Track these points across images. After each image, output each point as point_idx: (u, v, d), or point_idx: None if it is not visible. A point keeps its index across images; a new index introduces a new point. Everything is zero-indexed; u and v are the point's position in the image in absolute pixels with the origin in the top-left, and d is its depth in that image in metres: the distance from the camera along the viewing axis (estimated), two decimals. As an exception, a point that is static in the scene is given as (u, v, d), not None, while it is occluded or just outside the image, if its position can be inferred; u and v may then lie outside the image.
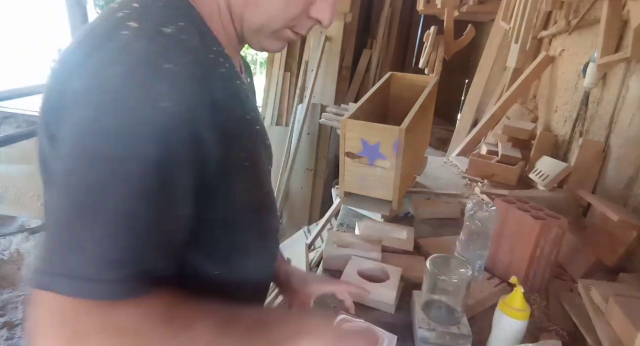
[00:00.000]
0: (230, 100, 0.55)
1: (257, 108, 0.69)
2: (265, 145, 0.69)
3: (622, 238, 1.09)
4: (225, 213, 0.57)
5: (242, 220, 0.61)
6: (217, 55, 0.55)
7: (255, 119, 0.63)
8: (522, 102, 2.38)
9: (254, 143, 0.62)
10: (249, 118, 0.61)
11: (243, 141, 0.57)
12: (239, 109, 0.58)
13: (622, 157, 1.37)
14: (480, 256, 1.02)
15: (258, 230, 0.66)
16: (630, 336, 0.75)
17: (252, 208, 0.63)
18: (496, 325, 0.79)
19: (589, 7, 1.70)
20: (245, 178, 0.58)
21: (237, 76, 0.60)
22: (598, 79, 1.56)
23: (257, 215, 0.65)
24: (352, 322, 0.65)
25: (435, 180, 1.82)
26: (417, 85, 1.48)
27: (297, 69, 4.06)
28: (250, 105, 0.63)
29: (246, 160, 0.58)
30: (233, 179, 0.56)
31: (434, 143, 3.76)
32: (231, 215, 0.59)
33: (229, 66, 0.57)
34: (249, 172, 0.59)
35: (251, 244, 0.65)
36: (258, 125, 0.65)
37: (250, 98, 0.66)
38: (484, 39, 3.14)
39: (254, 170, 0.61)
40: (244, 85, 0.62)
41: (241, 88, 0.60)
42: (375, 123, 1.14)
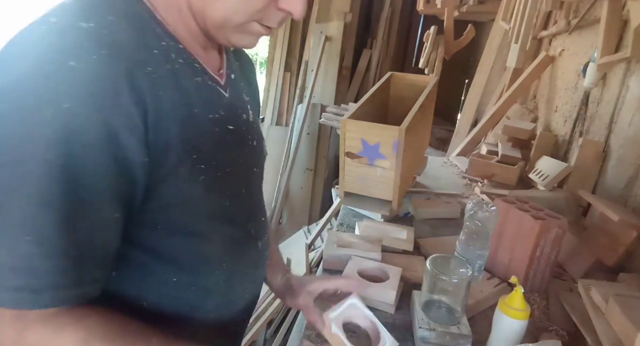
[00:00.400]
0: (177, 98, 0.51)
1: (243, 106, 0.66)
2: (247, 146, 0.65)
3: (622, 238, 1.09)
4: (180, 219, 0.55)
5: (205, 227, 0.58)
6: (167, 51, 0.52)
7: (227, 118, 0.60)
8: (522, 102, 2.38)
9: (218, 144, 0.57)
10: (214, 117, 0.57)
11: (195, 142, 0.53)
12: (196, 108, 0.54)
13: (622, 157, 1.37)
14: (480, 256, 1.02)
15: (229, 238, 0.62)
16: (630, 336, 0.75)
17: (217, 214, 0.59)
18: (496, 325, 0.79)
19: (589, 7, 1.70)
20: (199, 182, 0.54)
21: (200, 73, 0.57)
22: (598, 79, 1.56)
23: (225, 222, 0.61)
24: (359, 311, 0.65)
25: (435, 180, 1.82)
26: (417, 85, 1.48)
27: (297, 69, 4.06)
28: (225, 102, 0.60)
29: (201, 163, 0.54)
30: (178, 183, 0.52)
31: (434, 143, 3.76)
32: (189, 222, 0.56)
33: (184, 62, 0.54)
34: (206, 175, 0.55)
35: (219, 253, 0.61)
36: (232, 124, 0.61)
37: (228, 95, 0.62)
38: (484, 39, 3.14)
39: (215, 173, 0.56)
40: (213, 81, 0.59)
41: (205, 86, 0.57)
42: (375, 123, 1.14)
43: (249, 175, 0.67)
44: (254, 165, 0.68)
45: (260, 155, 0.71)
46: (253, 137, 0.67)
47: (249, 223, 0.66)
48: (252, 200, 0.68)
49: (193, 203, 0.55)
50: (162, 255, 0.56)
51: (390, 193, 1.19)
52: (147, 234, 0.54)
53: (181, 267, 0.58)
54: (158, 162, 0.49)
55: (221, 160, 0.58)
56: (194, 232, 0.57)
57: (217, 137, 0.57)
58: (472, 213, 1.00)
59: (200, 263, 0.59)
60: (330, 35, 3.74)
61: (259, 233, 0.70)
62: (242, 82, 0.70)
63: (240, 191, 0.63)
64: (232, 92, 0.64)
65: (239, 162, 0.63)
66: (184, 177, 0.52)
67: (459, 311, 0.83)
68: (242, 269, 0.67)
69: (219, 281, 0.62)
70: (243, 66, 0.74)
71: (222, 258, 0.62)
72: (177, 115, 0.51)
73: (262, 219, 0.72)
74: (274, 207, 3.65)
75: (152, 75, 0.49)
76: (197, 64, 0.57)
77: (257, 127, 0.71)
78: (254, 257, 0.69)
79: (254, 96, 0.75)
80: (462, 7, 3.07)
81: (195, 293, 0.60)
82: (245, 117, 0.66)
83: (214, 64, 0.62)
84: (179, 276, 0.58)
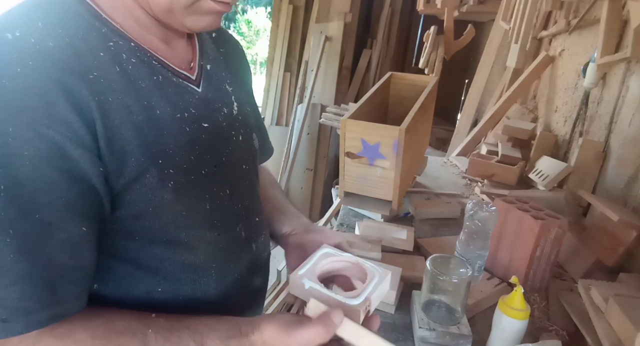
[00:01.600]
0: (131, 101, 0.48)
1: (223, 99, 0.62)
2: (230, 142, 0.61)
3: (622, 238, 1.09)
4: (157, 227, 0.52)
5: (185, 234, 0.55)
6: (117, 51, 0.49)
7: (200, 115, 0.56)
8: (522, 102, 2.38)
9: (189, 145, 0.54)
10: (182, 117, 0.53)
11: (159, 146, 0.50)
12: (158, 109, 0.51)
13: (622, 157, 1.37)
14: (480, 256, 1.02)
15: (215, 243, 0.59)
16: (630, 336, 0.75)
17: (198, 219, 0.56)
18: (496, 325, 0.79)
19: (589, 7, 1.70)
20: (169, 187, 0.51)
21: (159, 70, 0.53)
22: (598, 79, 1.56)
23: (208, 227, 0.58)
24: (337, 257, 0.58)
25: (435, 180, 1.82)
26: (417, 85, 1.48)
27: (297, 69, 4.07)
28: (197, 99, 0.56)
29: (169, 168, 0.51)
30: (145, 191, 0.49)
31: (434, 143, 3.76)
32: (167, 230, 0.53)
33: (138, 61, 0.51)
34: (176, 180, 0.52)
35: (205, 259, 0.58)
36: (207, 121, 0.57)
37: (201, 89, 0.58)
38: (484, 39, 3.14)
39: (187, 176, 0.53)
40: (179, 77, 0.55)
41: (168, 83, 0.53)
42: (375, 123, 1.14)
43: (235, 174, 0.63)
44: (241, 162, 0.64)
45: (249, 151, 0.67)
46: (238, 132, 0.63)
47: (238, 225, 0.63)
48: (240, 199, 0.64)
49: (166, 210, 0.52)
50: (144, 265, 0.54)
51: (390, 193, 1.19)
52: (126, 244, 0.52)
53: (165, 277, 0.55)
54: (117, 171, 0.47)
55: (194, 162, 0.54)
56: (174, 239, 0.54)
57: (187, 137, 0.54)
58: (472, 213, 1.00)
59: (185, 272, 0.57)
60: (330, 35, 3.74)
61: (253, 234, 0.66)
62: (223, 72, 0.65)
63: (223, 192, 0.59)
64: (207, 85, 0.60)
65: (221, 161, 0.59)
66: (150, 184, 0.49)
67: (459, 311, 0.83)
68: (235, 275, 0.63)
69: (209, 289, 0.60)
70: (228, 54, 0.69)
71: (209, 265, 0.59)
72: (133, 119, 0.48)
73: (256, 219, 0.68)
74: (274, 207, 3.65)
75: (100, 80, 0.46)
76: (155, 60, 0.53)
77: (246, 120, 0.67)
78: (247, 261, 0.66)
79: (241, 86, 0.70)
80: (462, 7, 3.07)
81: (184, 302, 0.58)
82: (227, 111, 0.62)
83: (182, 57, 0.58)
84: (163, 286, 0.56)
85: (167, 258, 0.55)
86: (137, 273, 0.54)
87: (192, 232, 0.56)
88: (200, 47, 0.62)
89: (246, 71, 0.75)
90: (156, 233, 0.53)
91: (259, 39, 10.17)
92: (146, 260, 0.54)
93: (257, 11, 10.27)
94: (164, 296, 0.56)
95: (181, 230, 0.55)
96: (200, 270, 0.58)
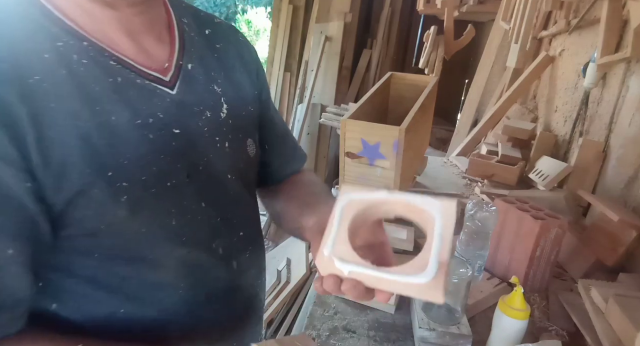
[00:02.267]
0: (78, 106, 0.44)
1: (207, 102, 0.56)
2: (211, 150, 0.55)
3: (622, 238, 1.09)
4: (115, 245, 0.48)
5: (149, 251, 0.50)
6: (66, 52, 0.45)
7: (171, 121, 0.51)
8: (522, 102, 2.38)
9: (151, 155, 0.48)
10: (144, 123, 0.48)
11: (110, 156, 0.45)
12: (113, 114, 0.46)
13: (622, 157, 1.37)
14: (480, 256, 1.02)
15: (184, 262, 0.53)
16: (630, 336, 0.75)
17: (162, 236, 0.50)
18: (496, 325, 0.79)
19: (589, 7, 1.70)
20: (122, 202, 0.46)
21: (119, 71, 0.48)
22: (598, 79, 1.56)
23: (176, 244, 0.52)
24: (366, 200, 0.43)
25: (435, 180, 1.82)
26: (417, 85, 1.48)
27: (297, 69, 4.07)
28: (169, 102, 0.51)
29: (121, 181, 0.46)
30: (93, 206, 0.45)
31: (434, 143, 3.76)
32: (127, 247, 0.49)
33: (91, 62, 0.46)
34: (131, 194, 0.47)
35: (172, 278, 0.53)
36: (180, 127, 0.51)
37: (177, 91, 0.52)
38: (484, 39, 3.14)
39: (145, 190, 0.48)
40: (146, 78, 0.50)
41: (129, 86, 0.48)
42: (375, 123, 1.14)
43: (214, 185, 0.56)
44: (224, 171, 0.58)
45: (238, 159, 0.60)
46: (225, 138, 0.57)
47: (214, 241, 0.57)
48: (220, 213, 0.57)
49: (122, 227, 0.47)
50: (105, 284, 0.49)
51: (390, 193, 1.19)
52: (83, 262, 0.48)
53: (128, 297, 0.51)
54: (55, 185, 0.42)
55: (158, 173, 0.49)
56: (137, 256, 0.50)
57: (150, 146, 0.48)
58: (472, 213, 1.00)
59: (150, 291, 0.52)
60: (330, 35, 3.74)
61: (234, 251, 0.60)
62: (213, 72, 0.59)
63: (196, 205, 0.53)
64: (185, 87, 0.54)
65: (196, 170, 0.53)
66: (98, 199, 0.44)
67: (459, 311, 0.83)
68: (208, 295, 0.57)
69: (178, 310, 0.54)
70: (225, 51, 0.63)
71: (177, 285, 0.54)
72: (79, 126, 0.43)
73: (239, 234, 0.61)
74: (274, 207, 3.65)
75: (42, 85, 0.42)
76: (114, 60, 0.48)
77: (238, 124, 0.60)
78: (225, 280, 0.59)
79: (239, 86, 0.63)
80: (462, 7, 3.07)
81: (150, 325, 0.53)
82: (211, 114, 0.56)
83: (155, 56, 0.53)
84: (126, 307, 0.51)
85: (130, 276, 0.50)
86: (96, 293, 0.49)
87: (156, 249, 0.51)
88: (181, 45, 0.56)
89: (249, 69, 0.66)
90: (116, 251, 0.48)
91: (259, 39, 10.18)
92: (107, 278, 0.49)
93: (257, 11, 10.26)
94: (128, 317, 0.51)
95: (144, 247, 0.50)
96: (167, 289, 0.53)
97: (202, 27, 0.62)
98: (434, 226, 0.39)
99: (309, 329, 0.84)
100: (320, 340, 0.81)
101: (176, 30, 0.57)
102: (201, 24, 0.62)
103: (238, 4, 9.97)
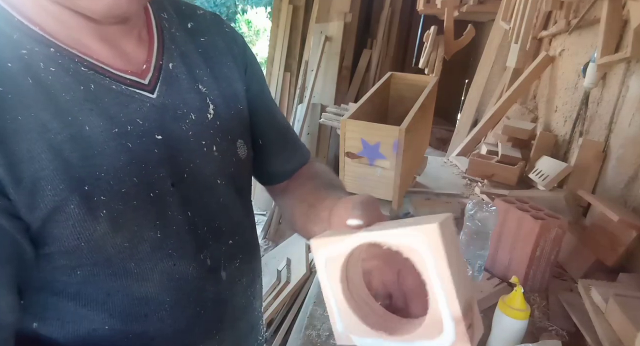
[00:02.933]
0: (48, 117, 0.41)
1: (193, 104, 0.53)
2: (199, 155, 0.53)
3: (622, 238, 1.09)
4: (98, 261, 0.45)
5: (134, 266, 0.48)
6: (31, 60, 0.42)
7: (152, 127, 0.48)
8: (522, 102, 2.38)
9: (131, 165, 0.46)
10: (121, 132, 0.45)
11: (86, 169, 0.42)
12: (87, 124, 0.43)
13: (622, 157, 1.37)
14: (480, 256, 1.02)
15: (168, 275, 0.51)
16: (630, 336, 0.75)
17: (146, 249, 0.48)
18: (496, 325, 0.79)
19: (589, 7, 1.70)
20: (101, 217, 0.43)
21: (91, 77, 0.44)
22: (598, 79, 1.56)
23: (161, 257, 0.49)
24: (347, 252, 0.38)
25: (435, 180, 1.82)
26: (417, 85, 1.48)
27: (297, 69, 4.07)
28: (149, 107, 0.48)
29: (99, 194, 0.43)
30: (71, 223, 0.42)
31: (434, 143, 3.76)
32: (111, 263, 0.46)
33: (59, 69, 0.43)
34: (110, 208, 0.44)
35: (156, 293, 0.51)
36: (162, 133, 0.48)
37: (157, 95, 0.49)
38: (484, 39, 3.14)
39: (126, 203, 0.45)
40: (122, 83, 0.47)
41: (104, 92, 0.45)
42: (375, 123, 1.14)
43: (202, 192, 0.53)
44: (213, 176, 0.54)
45: (228, 162, 0.57)
46: (212, 141, 0.54)
47: (202, 252, 0.54)
48: (207, 222, 0.54)
49: (103, 243, 0.44)
50: (89, 300, 0.47)
51: (390, 193, 1.19)
52: (66, 280, 0.46)
53: (111, 313, 0.48)
54: (29, 202, 0.40)
55: (139, 184, 0.46)
56: (121, 271, 0.47)
57: (129, 155, 0.45)
58: (472, 213, 1.00)
59: (135, 306, 0.49)
60: (330, 35, 3.74)
61: (223, 261, 0.57)
62: (198, 69, 0.55)
63: (182, 215, 0.51)
64: (166, 89, 0.50)
65: (181, 178, 0.50)
66: (75, 215, 0.42)
67: (459, 311, 0.82)
68: (196, 309, 0.55)
69: (164, 326, 0.52)
70: (210, 45, 0.58)
71: (163, 299, 0.51)
72: (49, 138, 0.40)
73: (229, 242, 0.58)
74: (273, 207, 3.65)
75: (6, 96, 0.39)
76: (86, 66, 0.44)
77: (226, 125, 0.57)
78: (214, 292, 0.56)
79: (229, 83, 0.59)
80: (462, 7, 3.08)
81: (136, 342, 0.51)
82: (196, 117, 0.52)
83: (132, 58, 0.49)
84: (110, 323, 0.49)
85: (116, 291, 0.48)
86: (80, 309, 0.47)
87: (141, 263, 0.48)
88: (160, 43, 0.52)
89: (238, 63, 0.61)
90: (99, 267, 0.46)
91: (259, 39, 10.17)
92: (91, 294, 0.47)
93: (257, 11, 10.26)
94: (112, 333, 0.49)
95: (128, 262, 0.47)
96: (152, 304, 0.51)
97: (184, 20, 0.57)
98: (427, 266, 0.32)
99: (309, 329, 0.84)
100: (320, 340, 0.81)
101: (154, 27, 0.53)
102: (183, 18, 0.58)
103: (238, 4, 9.97)
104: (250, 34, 10.10)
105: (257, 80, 0.66)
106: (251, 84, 0.64)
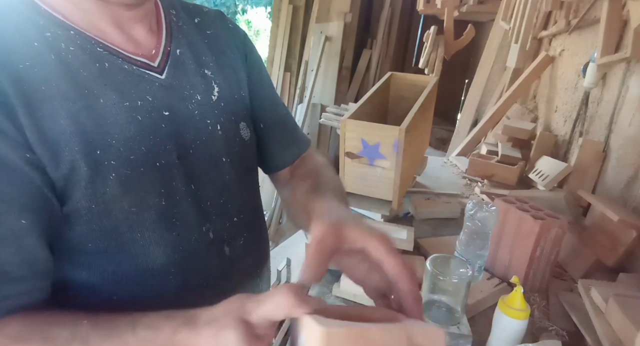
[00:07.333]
0: (66, 88, 0.46)
1: (198, 85, 0.57)
2: (203, 132, 0.56)
3: (622, 238, 1.09)
4: (108, 228, 0.49)
5: (139, 234, 0.51)
6: (54, 41, 0.47)
7: (160, 103, 0.52)
8: (522, 102, 2.38)
9: (140, 135, 0.50)
10: (132, 105, 0.50)
11: (99, 135, 0.47)
12: (101, 97, 0.48)
13: (622, 157, 1.37)
14: (480, 256, 1.02)
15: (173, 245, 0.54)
16: (630, 336, 0.75)
17: (151, 218, 0.51)
18: (496, 325, 0.79)
19: (589, 7, 1.70)
20: (111, 180, 0.48)
21: (106, 57, 0.50)
22: (598, 79, 1.56)
23: (166, 226, 0.53)
24: None
25: (435, 180, 1.82)
26: (417, 85, 1.48)
27: (297, 69, 4.07)
28: (158, 86, 0.53)
29: (110, 159, 0.47)
30: (83, 184, 0.46)
31: (434, 143, 3.76)
32: (120, 230, 0.50)
33: (78, 49, 0.48)
34: (119, 172, 0.48)
35: (162, 263, 0.53)
36: (169, 109, 0.53)
37: (165, 76, 0.54)
38: (484, 39, 3.14)
39: (133, 168, 0.49)
40: (134, 64, 0.52)
41: (117, 71, 0.50)
42: (375, 123, 1.14)
43: (206, 168, 0.57)
44: (218, 154, 0.58)
45: (232, 142, 0.61)
46: (216, 121, 0.58)
47: (204, 225, 0.57)
48: (211, 197, 0.58)
49: (113, 206, 0.48)
50: (99, 272, 0.51)
51: (390, 193, 1.19)
52: (82, 248, 0.49)
53: (120, 283, 0.51)
54: (52, 161, 0.45)
55: (147, 153, 0.50)
56: (128, 240, 0.51)
57: (139, 127, 0.50)
58: (472, 213, 1.00)
59: (142, 277, 0.52)
60: (330, 35, 3.75)
61: (227, 236, 0.60)
62: (204, 56, 0.60)
63: (186, 187, 0.54)
64: (174, 71, 0.55)
65: (186, 153, 0.54)
66: (87, 176, 0.46)
67: (459, 311, 0.83)
68: (200, 281, 0.57)
69: (168, 296, 0.54)
70: (215, 37, 0.64)
71: (167, 270, 0.54)
72: (68, 107, 0.46)
73: (233, 219, 0.61)
74: (273, 206, 3.65)
75: (33, 70, 0.45)
76: (101, 47, 0.50)
77: (230, 107, 0.61)
78: (217, 266, 0.59)
79: (233, 70, 0.64)
80: (462, 7, 3.08)
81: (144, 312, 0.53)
82: (201, 98, 0.57)
83: (142, 43, 0.54)
84: (119, 293, 0.52)
85: (122, 262, 0.51)
86: (91, 279, 0.51)
87: (147, 232, 0.51)
88: (169, 33, 0.58)
89: (241, 53, 0.67)
90: (109, 236, 0.49)
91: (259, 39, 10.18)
92: (101, 266, 0.50)
93: (257, 11, 10.26)
94: (122, 305, 0.51)
95: (135, 230, 0.51)
96: (158, 276, 0.54)
97: (191, 16, 0.63)
98: None
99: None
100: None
101: (163, 20, 0.59)
102: (190, 14, 0.64)
103: (238, 4, 9.96)
104: (250, 34, 10.11)
105: (257, 67, 0.70)
106: (252, 70, 0.68)
